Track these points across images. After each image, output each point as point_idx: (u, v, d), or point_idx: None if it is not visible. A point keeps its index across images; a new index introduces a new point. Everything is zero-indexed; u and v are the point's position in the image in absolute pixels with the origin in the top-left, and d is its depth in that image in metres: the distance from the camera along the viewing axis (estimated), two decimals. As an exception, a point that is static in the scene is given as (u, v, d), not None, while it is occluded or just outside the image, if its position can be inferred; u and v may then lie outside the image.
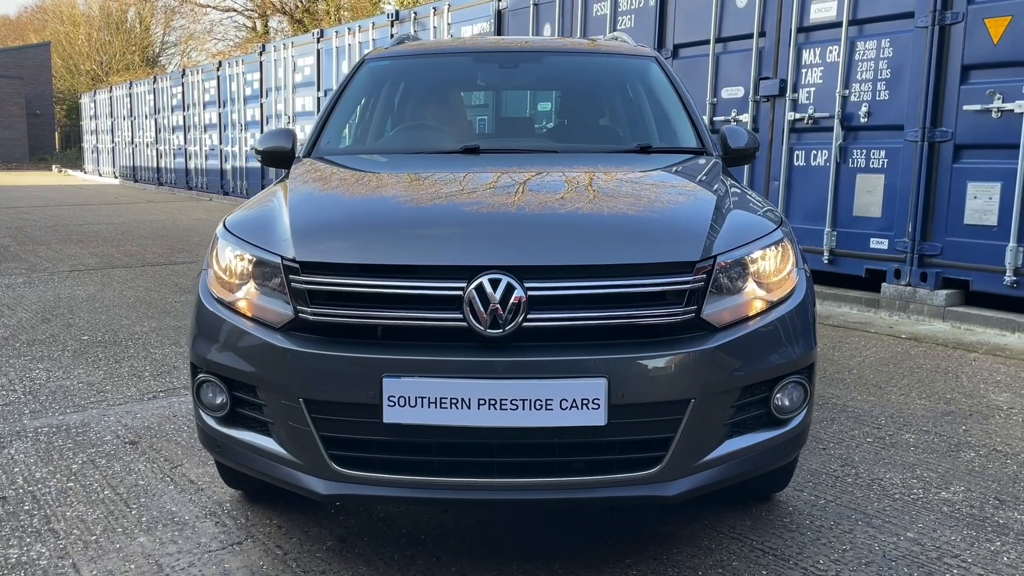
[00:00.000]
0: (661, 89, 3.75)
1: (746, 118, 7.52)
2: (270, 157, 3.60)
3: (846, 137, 6.79)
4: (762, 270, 2.45)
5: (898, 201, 6.47)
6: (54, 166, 38.54)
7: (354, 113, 3.70)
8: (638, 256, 2.29)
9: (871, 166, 6.64)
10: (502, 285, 2.18)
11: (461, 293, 2.19)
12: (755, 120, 7.50)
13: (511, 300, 2.17)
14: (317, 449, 2.24)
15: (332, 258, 2.30)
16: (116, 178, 28.67)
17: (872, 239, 6.66)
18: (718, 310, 2.32)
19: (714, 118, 7.86)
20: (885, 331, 5.98)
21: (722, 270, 2.34)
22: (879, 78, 6.53)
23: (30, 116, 43.38)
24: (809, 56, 7.04)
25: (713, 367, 2.24)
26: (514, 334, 2.18)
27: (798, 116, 7.11)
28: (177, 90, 22.30)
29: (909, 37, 6.30)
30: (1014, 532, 2.81)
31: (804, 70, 7.08)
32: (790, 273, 2.53)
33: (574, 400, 2.13)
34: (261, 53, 17.22)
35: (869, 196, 6.64)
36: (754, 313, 2.39)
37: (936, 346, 5.52)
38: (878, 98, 6.54)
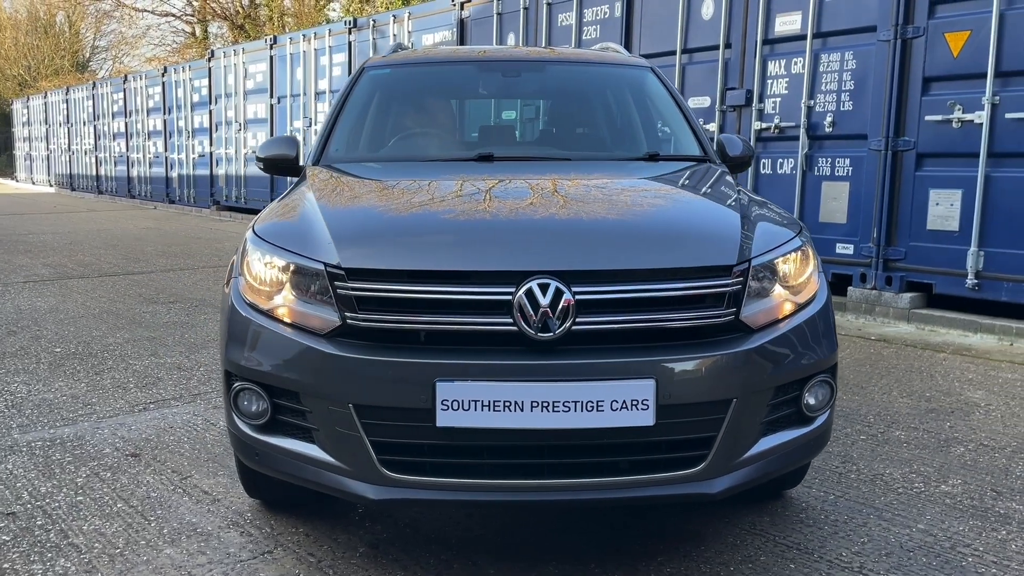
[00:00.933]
0: (661, 98, 3.85)
1: (713, 127, 7.70)
2: (273, 165, 3.59)
3: (812, 146, 7.02)
4: (789, 274, 2.54)
5: (863, 208, 6.70)
6: (-18, 175, 37.18)
7: (358, 120, 3.69)
8: (678, 260, 2.36)
9: (836, 174, 6.88)
10: (551, 290, 2.22)
11: (511, 298, 2.23)
12: (722, 129, 7.69)
13: (560, 304, 2.22)
14: (367, 454, 2.25)
15: (380, 264, 2.31)
16: (51, 186, 27.81)
17: (838, 244, 6.89)
18: (754, 312, 2.40)
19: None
20: (855, 333, 6.19)
21: (755, 274, 2.42)
22: (843, 89, 6.76)
23: (-47, 123, 41.74)
24: (775, 67, 7.25)
25: (752, 367, 2.32)
26: (563, 338, 2.23)
27: (764, 125, 7.32)
28: (119, 96, 21.77)
29: (872, 50, 6.54)
30: (1016, 521, 2.96)
31: (770, 81, 7.29)
32: (812, 276, 2.63)
33: (624, 401, 2.19)
34: (210, 59, 16.95)
35: (835, 203, 6.87)
36: (784, 315, 2.48)
37: (905, 347, 5.74)
38: (842, 108, 6.78)
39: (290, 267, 2.44)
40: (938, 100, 6.19)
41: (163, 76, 19.21)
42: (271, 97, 14.84)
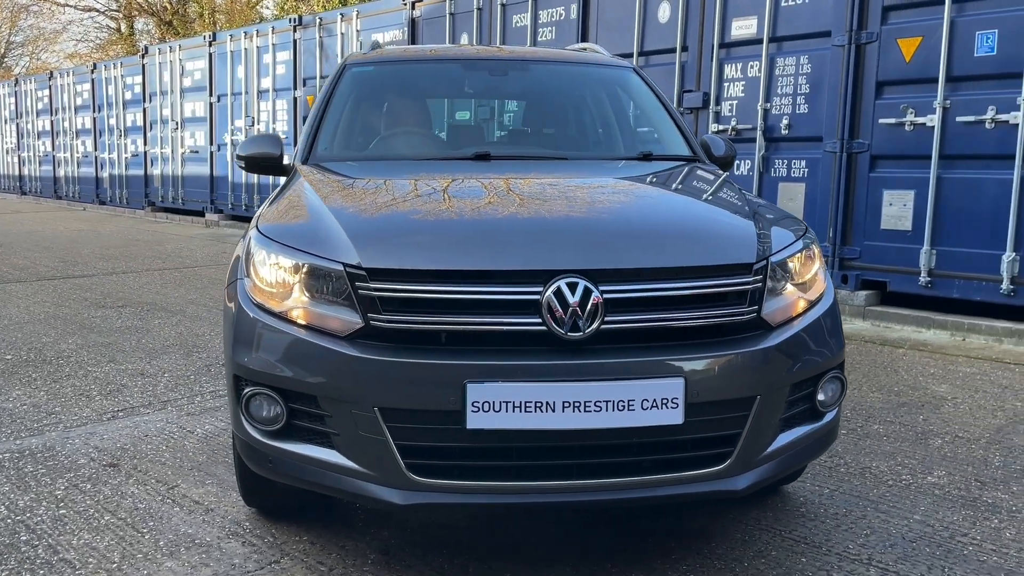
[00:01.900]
0: (646, 98, 3.87)
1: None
2: (256, 164, 3.49)
3: (768, 148, 7.16)
4: (800, 272, 2.58)
5: (818, 208, 6.87)
6: None
7: (346, 119, 3.61)
8: (702, 258, 2.36)
9: (792, 175, 7.03)
10: (580, 288, 2.20)
11: (538, 297, 2.20)
12: (678, 131, 7.77)
13: (588, 303, 2.20)
14: (393, 459, 2.19)
15: (404, 264, 2.26)
16: (-31, 187, 26.57)
17: (794, 244, 7.02)
18: (772, 310, 2.42)
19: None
20: (814, 331, 6.32)
21: (772, 272, 2.45)
22: (799, 92, 6.92)
23: None
24: (731, 71, 7.38)
25: (774, 364, 2.34)
26: (591, 337, 2.21)
27: (721, 127, 7.44)
28: (44, 93, 20.92)
29: (827, 54, 6.71)
30: (1005, 510, 3.06)
31: (727, 84, 7.41)
32: (819, 274, 2.67)
33: (654, 400, 2.18)
34: (144, 55, 16.43)
35: (791, 204, 7.02)
36: (797, 313, 2.51)
37: (865, 343, 5.90)
38: (798, 111, 6.94)
39: (303, 267, 2.36)
40: (891, 104, 6.39)
41: (92, 73, 18.53)
42: (211, 95, 14.46)
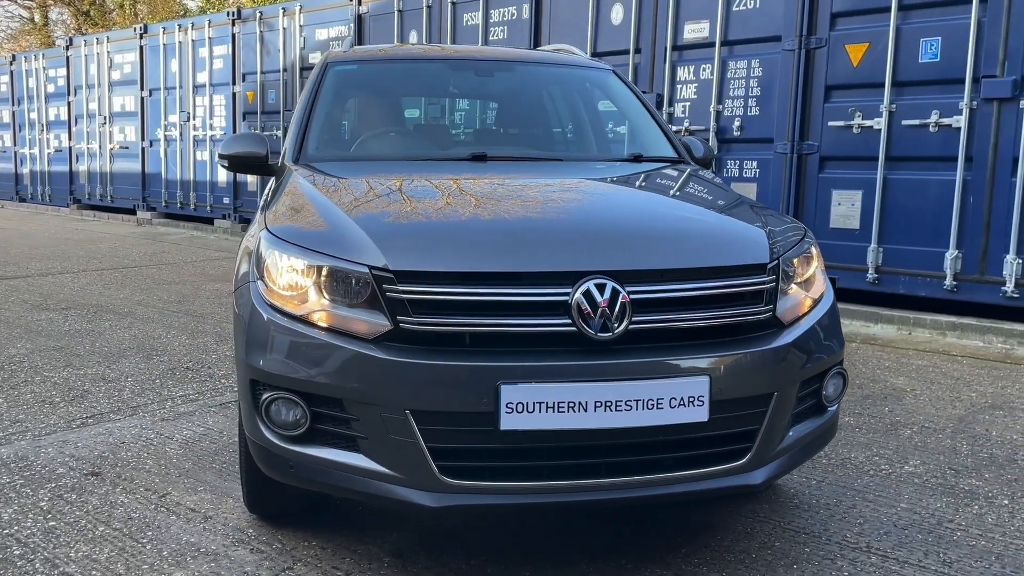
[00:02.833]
0: (628, 100, 3.93)
1: (623, 130, 7.89)
2: (240, 163, 3.42)
3: (720, 149, 7.33)
4: (804, 271, 2.67)
5: (769, 207, 7.05)
6: None
7: (336, 118, 3.57)
8: (722, 259, 2.43)
9: (744, 175, 7.22)
10: (608, 289, 2.24)
11: (567, 298, 2.23)
12: (632, 131, 7.90)
13: (617, 304, 2.24)
14: (424, 461, 2.19)
15: (432, 267, 2.25)
16: None
17: (746, 243, 7.21)
18: (784, 308, 2.50)
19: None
20: (769, 327, 6.51)
21: (783, 272, 2.53)
22: (750, 95, 7.11)
23: None
24: (684, 73, 7.53)
25: (789, 361, 2.42)
26: (620, 337, 2.25)
27: (675, 129, 7.57)
28: (-45, 85, 19.93)
29: (777, 58, 6.91)
30: (983, 496, 3.22)
31: (679, 86, 7.56)
32: (818, 273, 2.77)
33: (682, 398, 2.23)
34: (68, 47, 15.80)
35: (743, 203, 7.20)
36: (804, 312, 2.59)
37: (819, 339, 6.09)
38: (750, 113, 7.12)
39: (323, 269, 2.33)
40: (840, 107, 6.62)
41: (11, 64, 17.74)
42: (142, 90, 14.00)
